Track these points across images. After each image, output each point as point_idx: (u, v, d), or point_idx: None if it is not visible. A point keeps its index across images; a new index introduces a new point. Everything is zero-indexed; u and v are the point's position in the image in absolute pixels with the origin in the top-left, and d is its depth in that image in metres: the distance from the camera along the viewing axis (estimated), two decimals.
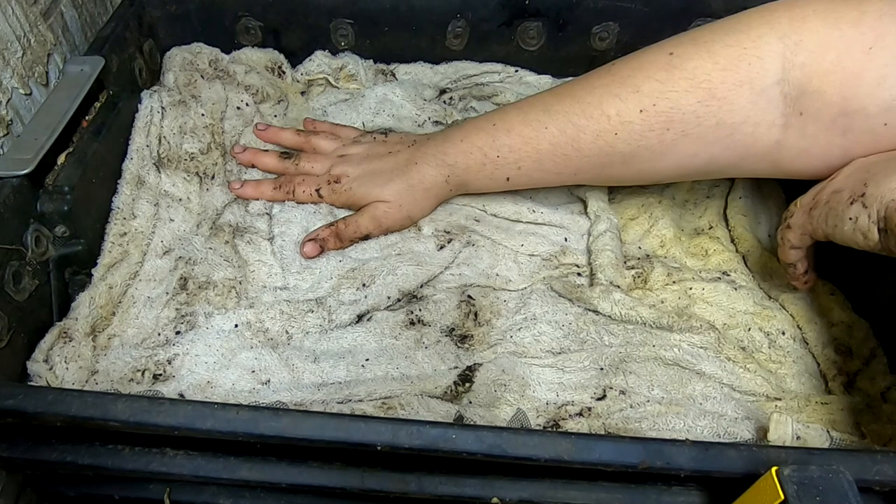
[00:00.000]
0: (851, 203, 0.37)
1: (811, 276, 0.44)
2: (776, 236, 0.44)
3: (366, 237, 0.48)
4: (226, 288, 0.44)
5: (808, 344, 0.44)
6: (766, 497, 0.26)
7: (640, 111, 0.41)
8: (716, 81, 0.39)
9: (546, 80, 0.62)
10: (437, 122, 0.58)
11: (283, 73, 0.60)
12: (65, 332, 0.40)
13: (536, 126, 0.44)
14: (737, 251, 0.50)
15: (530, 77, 0.62)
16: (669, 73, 0.40)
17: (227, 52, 0.59)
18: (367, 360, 0.41)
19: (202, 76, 0.56)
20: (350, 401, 0.39)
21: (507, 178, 0.47)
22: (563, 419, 0.39)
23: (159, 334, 0.42)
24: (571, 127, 0.43)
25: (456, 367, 0.41)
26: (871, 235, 0.35)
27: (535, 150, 0.45)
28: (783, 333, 0.44)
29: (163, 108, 0.51)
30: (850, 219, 0.36)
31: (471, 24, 0.60)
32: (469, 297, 0.45)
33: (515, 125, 0.45)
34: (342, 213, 0.50)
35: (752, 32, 0.39)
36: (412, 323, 0.44)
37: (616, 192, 0.53)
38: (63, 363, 0.39)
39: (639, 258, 0.49)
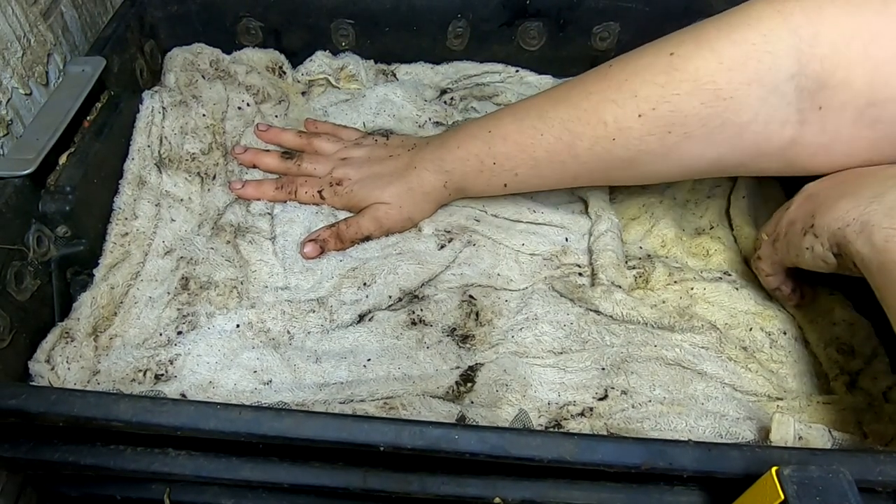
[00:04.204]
0: (804, 234, 0.38)
1: (803, 291, 0.45)
2: (751, 266, 0.44)
3: (367, 238, 0.48)
4: (227, 288, 0.44)
5: (809, 343, 0.44)
6: (767, 497, 0.26)
7: (639, 116, 0.39)
8: (721, 82, 0.37)
9: (547, 81, 0.62)
10: (437, 122, 0.58)
11: (284, 73, 0.60)
12: (66, 333, 0.40)
13: (531, 133, 0.43)
14: (740, 251, 0.49)
15: (531, 77, 0.62)
16: (670, 75, 0.38)
17: (228, 53, 0.59)
18: (368, 360, 0.41)
19: (203, 76, 0.56)
20: (352, 401, 0.39)
21: (505, 185, 0.46)
22: (565, 419, 0.39)
23: (161, 334, 0.42)
24: (567, 134, 0.41)
25: (458, 367, 0.41)
26: (830, 260, 0.37)
27: (531, 158, 0.43)
28: (784, 333, 0.44)
29: (164, 108, 0.51)
30: (807, 248, 0.38)
31: (471, 24, 0.60)
32: (470, 296, 0.45)
33: (510, 133, 0.44)
34: (343, 215, 0.50)
35: (762, 26, 0.37)
36: (414, 323, 0.44)
37: (617, 192, 0.53)
38: (65, 363, 0.39)
39: (640, 258, 0.49)
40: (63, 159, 0.43)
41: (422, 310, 0.44)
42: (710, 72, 0.37)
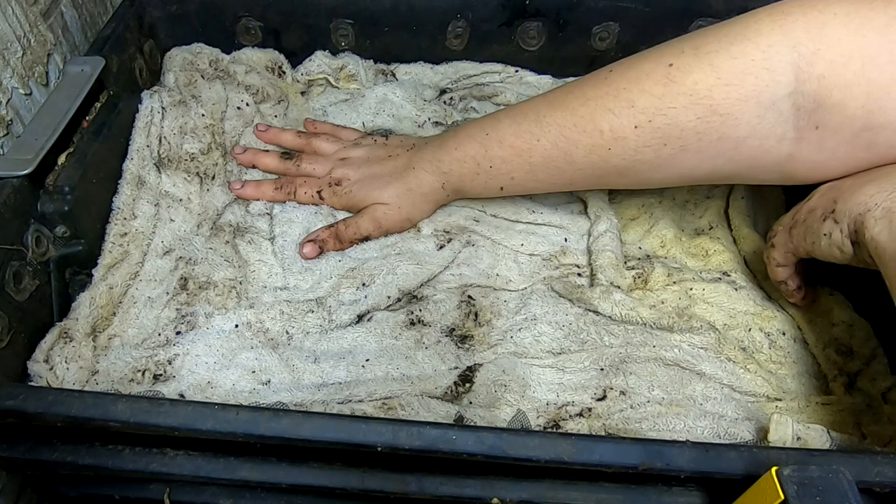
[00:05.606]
0: (824, 220, 0.38)
1: (806, 292, 0.44)
2: (763, 255, 0.44)
3: (366, 238, 0.48)
4: (226, 288, 0.44)
5: (808, 344, 0.44)
6: (767, 497, 0.26)
7: (635, 127, 0.39)
8: (718, 98, 0.37)
9: (546, 80, 0.62)
10: (437, 122, 0.58)
11: (284, 73, 0.60)
12: (65, 333, 0.40)
13: (528, 138, 0.43)
14: (739, 251, 0.49)
15: (531, 77, 0.62)
16: (667, 87, 0.38)
17: (228, 53, 0.59)
18: (367, 360, 0.41)
19: (202, 76, 0.56)
20: (350, 401, 0.39)
21: (502, 188, 0.46)
22: (564, 420, 0.39)
23: (160, 334, 0.42)
24: (563, 140, 0.41)
25: (456, 368, 0.41)
26: (846, 249, 0.37)
27: (527, 163, 0.44)
28: (783, 334, 0.44)
29: (163, 108, 0.51)
30: (825, 234, 0.37)
31: (471, 24, 0.60)
32: (469, 297, 0.45)
33: (507, 136, 0.44)
34: (342, 215, 0.50)
35: (762, 41, 0.36)
36: (412, 323, 0.44)
37: (616, 192, 0.53)
38: (63, 363, 0.39)
39: (639, 258, 0.49)
40: (62, 159, 0.43)
41: (420, 310, 0.44)
42: (707, 86, 0.37)
